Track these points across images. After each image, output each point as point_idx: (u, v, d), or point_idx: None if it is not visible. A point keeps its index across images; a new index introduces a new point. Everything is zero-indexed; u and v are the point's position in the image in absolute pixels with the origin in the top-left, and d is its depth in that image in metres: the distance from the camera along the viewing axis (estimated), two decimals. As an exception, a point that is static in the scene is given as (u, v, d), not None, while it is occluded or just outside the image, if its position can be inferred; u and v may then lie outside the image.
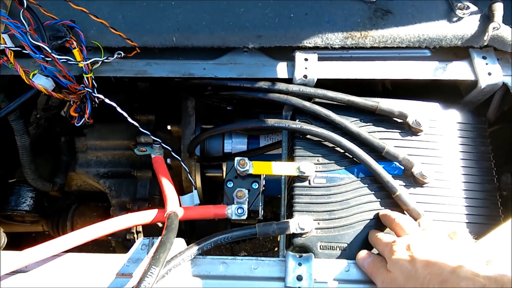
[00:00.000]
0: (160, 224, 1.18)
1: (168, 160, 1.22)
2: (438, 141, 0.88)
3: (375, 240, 0.77)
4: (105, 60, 0.88)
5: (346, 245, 0.80)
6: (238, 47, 0.91)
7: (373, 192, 0.84)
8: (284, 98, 0.89)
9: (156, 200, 1.23)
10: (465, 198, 0.84)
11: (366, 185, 0.85)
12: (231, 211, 0.80)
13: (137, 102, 1.29)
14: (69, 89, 0.89)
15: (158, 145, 1.01)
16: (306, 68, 0.89)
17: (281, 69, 0.91)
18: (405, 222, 0.76)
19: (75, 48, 0.85)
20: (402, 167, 0.86)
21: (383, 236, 0.76)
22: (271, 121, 0.89)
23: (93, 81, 0.89)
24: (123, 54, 0.88)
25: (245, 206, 0.81)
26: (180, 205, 0.84)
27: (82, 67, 0.87)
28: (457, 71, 0.89)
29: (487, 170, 0.87)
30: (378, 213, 0.81)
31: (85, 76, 0.88)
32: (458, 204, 0.84)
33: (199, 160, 1.15)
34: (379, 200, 0.83)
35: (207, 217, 0.79)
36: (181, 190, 1.26)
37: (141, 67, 0.91)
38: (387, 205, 0.83)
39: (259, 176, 0.86)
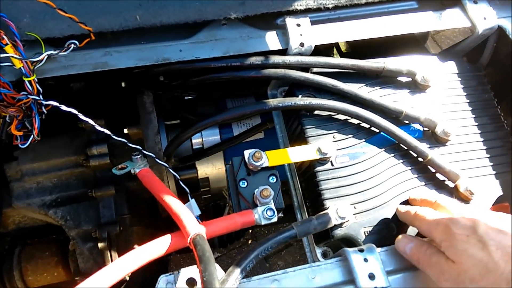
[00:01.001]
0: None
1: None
2: (445, 95, 0.83)
3: (413, 217, 0.65)
4: (53, 55, 0.66)
5: (391, 225, 0.71)
6: (215, 19, 0.76)
7: (401, 161, 0.76)
8: (283, 73, 0.76)
9: (127, 220, 1.03)
10: (485, 149, 0.80)
11: (392, 155, 0.76)
12: (259, 215, 0.66)
13: (76, 106, 1.05)
14: (6, 100, 0.66)
15: (138, 156, 0.82)
16: (301, 35, 0.77)
17: (272, 40, 0.77)
18: (447, 201, 0.65)
19: (6, 44, 0.63)
20: (422, 129, 0.79)
21: (426, 212, 0.63)
22: (273, 102, 0.75)
23: (37, 85, 0.67)
24: (77, 43, 0.67)
25: (273, 206, 0.68)
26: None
27: (20, 68, 0.64)
28: (452, 19, 0.84)
29: (496, 117, 0.84)
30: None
31: (26, 80, 0.65)
32: (481, 156, 0.79)
33: (177, 163, 0.98)
34: (409, 168, 0.76)
35: (233, 229, 0.64)
36: (153, 198, 1.08)
37: (98, 59, 0.71)
38: (419, 172, 0.76)
39: (273, 167, 0.72)
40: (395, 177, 0.74)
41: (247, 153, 0.70)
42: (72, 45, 0.66)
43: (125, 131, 1.02)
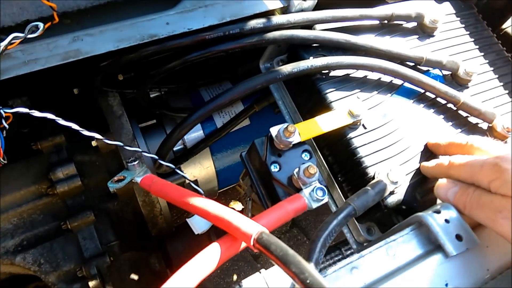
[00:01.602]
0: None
1: (111, 187, 0.85)
2: (451, 36, 0.78)
3: (448, 168, 0.57)
4: (8, 44, 0.49)
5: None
6: (202, -19, 0.63)
7: (431, 111, 0.69)
8: (290, 34, 0.66)
9: (115, 247, 0.86)
10: (502, 85, 0.76)
11: (422, 106, 0.69)
12: (309, 199, 0.55)
13: (24, 126, 0.86)
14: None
15: (135, 162, 0.66)
16: (301, -12, 0.67)
17: (269, -2, 0.66)
18: (482, 140, 0.58)
19: None
20: (441, 74, 0.73)
21: (462, 158, 0.56)
22: (286, 69, 0.64)
23: (-7, 91, 0.50)
24: (42, 26, 0.50)
25: (322, 185, 0.57)
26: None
27: (-35, 69, 0.47)
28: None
29: (501, 52, 0.81)
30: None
31: (-24, 85, 0.48)
32: (501, 93, 0.75)
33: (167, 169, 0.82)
34: (442, 116, 0.69)
35: (286, 220, 0.52)
36: (138, 221, 0.92)
37: (67, 47, 0.55)
38: (451, 119, 0.69)
39: (304, 142, 0.61)
40: (430, 129, 0.67)
41: (275, 130, 0.59)
42: (35, 28, 0.49)
43: (93, 143, 0.85)
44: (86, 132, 0.56)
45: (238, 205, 1.58)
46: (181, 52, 0.64)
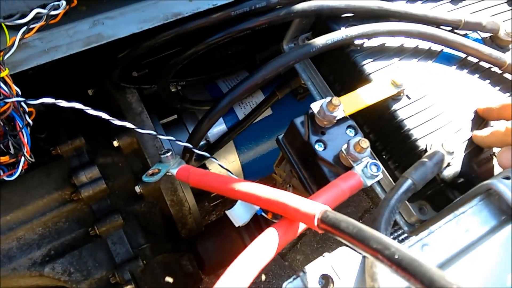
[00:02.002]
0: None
1: (137, 189, 0.81)
2: (486, -2, 0.73)
3: (506, 134, 0.52)
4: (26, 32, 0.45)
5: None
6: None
7: (476, 76, 0.64)
8: (320, 4, 0.61)
9: (147, 250, 0.81)
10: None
11: (466, 71, 0.64)
12: (363, 176, 0.51)
13: (41, 131, 0.82)
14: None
15: (168, 153, 0.61)
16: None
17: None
18: None
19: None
20: (480, 37, 0.68)
21: None
22: (320, 41, 0.60)
23: (14, 84, 0.46)
24: (64, 4, 0.46)
25: (375, 160, 0.52)
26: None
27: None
28: None
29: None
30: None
31: (-5, 77, 0.44)
32: (545, 53, 0.70)
33: (197, 163, 0.78)
34: (488, 80, 0.64)
35: (342, 200, 0.48)
36: (168, 217, 0.87)
37: (88, 32, 0.51)
38: (499, 82, 0.64)
39: (348, 118, 0.57)
40: (477, 95, 0.62)
41: (317, 105, 0.54)
42: (56, 6, 0.45)
43: (115, 143, 0.81)
44: (117, 122, 0.51)
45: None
46: (201, 36, 0.60)
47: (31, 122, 0.49)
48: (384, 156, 0.63)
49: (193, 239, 0.92)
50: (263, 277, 1.52)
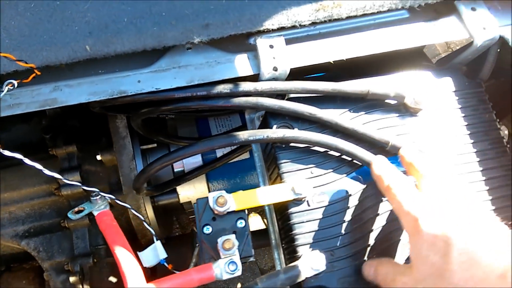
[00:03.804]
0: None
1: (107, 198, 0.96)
2: (441, 119, 0.74)
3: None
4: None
5: (373, 273, 0.63)
6: (180, 44, 0.68)
7: (384, 198, 0.68)
8: (254, 101, 0.69)
9: (101, 251, 0.97)
10: (484, 180, 0.71)
11: (377, 190, 0.68)
12: (221, 270, 0.59)
13: (47, 132, 1.00)
14: None
15: (97, 196, 0.75)
16: (274, 58, 0.69)
17: (242, 64, 0.69)
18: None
19: None
20: (411, 159, 0.70)
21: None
22: (244, 135, 0.68)
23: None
24: (16, 83, 0.60)
25: (237, 258, 0.60)
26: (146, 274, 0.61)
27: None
28: (447, 30, 0.74)
29: (497, 140, 0.75)
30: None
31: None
32: (478, 189, 0.71)
33: (150, 193, 0.91)
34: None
35: (191, 286, 0.58)
36: (131, 229, 1.02)
37: (47, 95, 0.64)
38: (407, 210, 0.67)
39: (243, 210, 0.65)
40: (380, 216, 0.66)
41: (210, 196, 0.63)
42: (11, 85, 0.59)
43: (98, 157, 0.95)
44: (7, 153, 0.64)
45: (257, 217, 1.64)
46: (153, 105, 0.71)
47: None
48: (283, 245, 0.71)
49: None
50: (239, 285, 1.64)
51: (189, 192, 1.06)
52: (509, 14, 0.75)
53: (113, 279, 0.96)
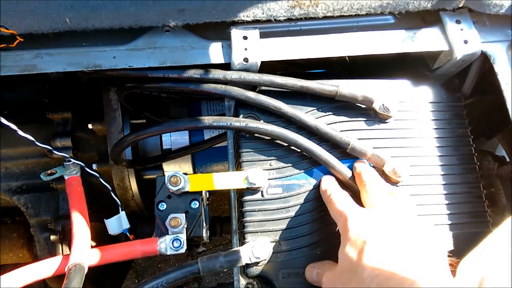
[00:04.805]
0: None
1: (94, 166, 1.01)
2: (410, 128, 0.74)
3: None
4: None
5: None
6: (157, 26, 0.70)
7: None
8: (222, 90, 0.71)
9: (85, 214, 1.02)
10: (445, 194, 0.71)
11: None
12: (165, 245, 0.63)
13: (47, 96, 1.05)
14: None
15: (70, 162, 0.80)
16: (246, 49, 0.70)
17: (215, 52, 0.71)
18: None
19: None
20: (372, 165, 0.71)
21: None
22: (208, 120, 0.70)
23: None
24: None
25: (183, 236, 0.63)
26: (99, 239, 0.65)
27: None
28: (427, 40, 0.73)
29: (468, 157, 0.74)
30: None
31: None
32: (438, 203, 0.70)
33: (129, 166, 0.95)
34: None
35: (132, 257, 0.61)
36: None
37: (28, 61, 0.69)
38: (357, 213, 0.68)
39: (198, 192, 0.68)
40: (327, 216, 0.67)
41: (166, 175, 0.66)
42: (-8, 49, 0.64)
43: (90, 126, 1.00)
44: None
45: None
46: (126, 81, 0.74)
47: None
48: (239, 229, 0.73)
49: (136, 221, 1.11)
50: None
51: (174, 170, 1.09)
52: (496, 31, 0.73)
53: (92, 243, 1.01)
